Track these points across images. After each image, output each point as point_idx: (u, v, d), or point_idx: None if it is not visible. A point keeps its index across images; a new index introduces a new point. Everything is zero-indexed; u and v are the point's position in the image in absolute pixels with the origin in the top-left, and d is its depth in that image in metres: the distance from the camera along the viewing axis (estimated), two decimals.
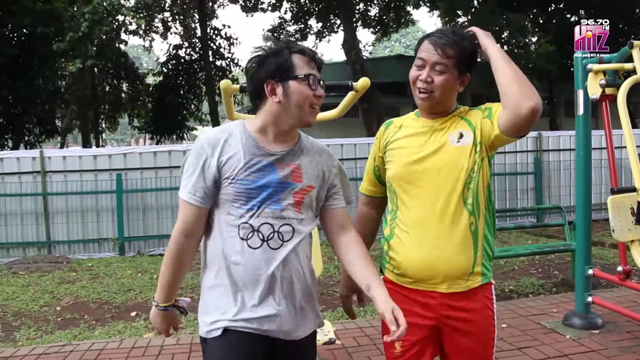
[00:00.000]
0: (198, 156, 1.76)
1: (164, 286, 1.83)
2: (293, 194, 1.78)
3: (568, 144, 10.40)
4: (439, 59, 1.86)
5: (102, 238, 8.91)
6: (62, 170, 8.84)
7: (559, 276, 6.13)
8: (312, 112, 1.78)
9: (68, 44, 13.33)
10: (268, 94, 1.75)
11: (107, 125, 23.72)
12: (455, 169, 1.85)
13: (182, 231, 1.77)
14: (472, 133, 1.87)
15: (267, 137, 1.79)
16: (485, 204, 1.90)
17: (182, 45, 22.10)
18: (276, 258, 1.75)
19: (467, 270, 1.87)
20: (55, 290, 6.27)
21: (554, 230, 8.91)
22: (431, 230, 1.86)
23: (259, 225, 1.74)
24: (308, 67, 1.75)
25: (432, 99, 1.89)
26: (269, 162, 1.76)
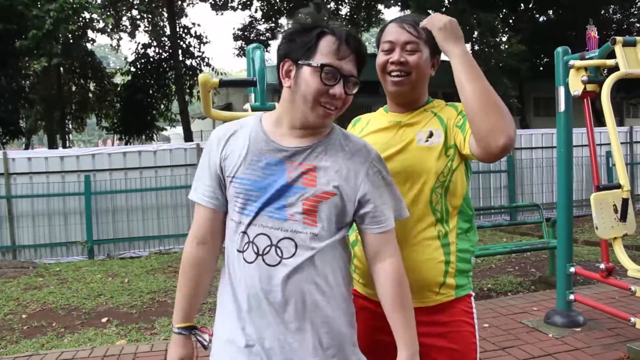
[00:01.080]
0: (206, 153, 1.55)
1: (178, 302, 1.57)
2: (303, 201, 1.44)
3: (540, 142, 10.51)
4: (409, 38, 1.69)
5: (70, 241, 8.65)
6: (27, 172, 8.56)
7: (536, 274, 6.13)
8: (320, 112, 1.43)
9: (32, 41, 12.92)
10: (282, 75, 1.46)
11: (74, 126, 23.16)
12: (422, 172, 1.66)
13: (193, 237, 1.55)
14: (444, 133, 1.67)
15: (281, 129, 1.48)
16: (459, 212, 1.71)
17: (150, 44, 21.67)
18: (277, 278, 1.43)
19: (436, 283, 1.67)
20: (21, 297, 6.02)
21: (527, 227, 8.98)
22: None
23: (255, 235, 1.45)
24: (333, 56, 1.41)
25: (407, 82, 1.70)
26: (278, 159, 1.46)
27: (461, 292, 1.72)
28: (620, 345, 3.68)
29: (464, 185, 1.72)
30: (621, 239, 3.47)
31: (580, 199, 10.09)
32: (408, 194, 1.67)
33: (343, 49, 1.42)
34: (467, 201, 1.74)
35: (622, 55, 3.45)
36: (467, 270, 1.74)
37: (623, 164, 3.28)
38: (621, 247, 3.46)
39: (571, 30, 18.92)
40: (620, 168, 3.28)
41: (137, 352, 4.02)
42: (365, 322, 1.76)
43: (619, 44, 3.46)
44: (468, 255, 1.74)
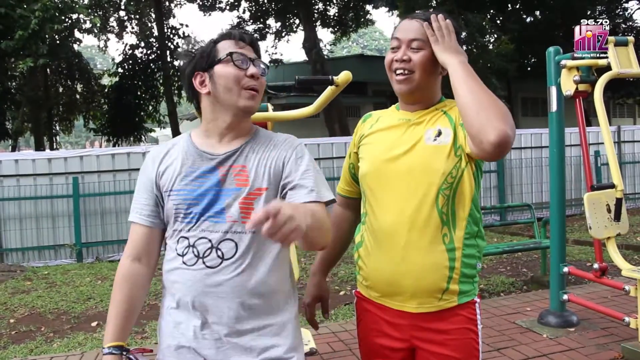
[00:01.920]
0: (141, 173, 1.63)
1: (110, 320, 1.54)
2: (239, 202, 1.50)
3: (529, 142, 10.56)
4: (415, 35, 1.64)
5: (59, 244, 8.54)
6: (14, 174, 8.44)
7: (528, 274, 6.14)
8: (246, 95, 1.52)
9: (18, 42, 12.77)
10: (198, 87, 1.56)
11: (62, 128, 22.95)
12: (429, 172, 1.60)
13: (128, 255, 1.58)
14: (452, 132, 1.61)
15: (210, 139, 1.58)
16: (466, 215, 1.64)
17: (138, 45, 21.55)
18: (217, 280, 1.48)
19: (439, 288, 1.62)
20: (9, 302, 5.93)
21: (517, 227, 9.00)
22: (399, 240, 1.62)
23: (195, 239, 1.51)
24: (235, 47, 1.54)
25: (411, 81, 1.65)
26: (211, 166, 1.54)
27: (465, 299, 1.66)
28: (614, 345, 3.69)
29: (473, 187, 1.65)
30: (614, 239, 3.49)
31: (569, 199, 10.15)
32: (414, 195, 1.62)
33: (239, 42, 1.55)
34: (475, 203, 1.67)
35: (614, 55, 3.46)
36: (472, 275, 1.68)
37: (617, 163, 3.29)
38: (615, 246, 3.48)
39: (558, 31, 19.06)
40: (614, 167, 3.28)
41: None
42: (367, 324, 1.76)
43: (611, 44, 3.47)
44: (474, 261, 1.67)
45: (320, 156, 9.43)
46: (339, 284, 6.06)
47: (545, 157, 10.42)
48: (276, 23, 22.94)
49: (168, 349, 1.56)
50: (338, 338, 4.11)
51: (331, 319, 4.71)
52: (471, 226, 1.66)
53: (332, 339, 4.09)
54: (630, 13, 21.88)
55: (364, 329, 1.80)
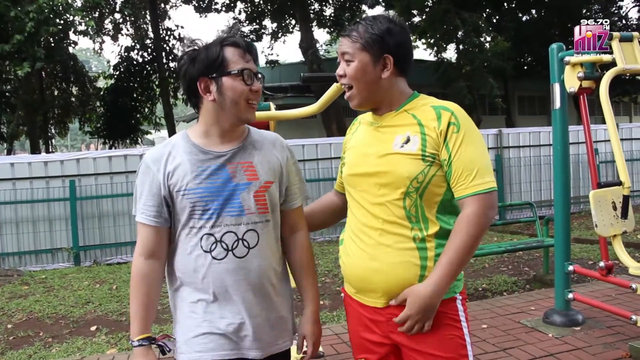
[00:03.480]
0: (144, 175, 1.69)
1: (136, 314, 1.67)
2: (253, 195, 1.67)
3: (528, 141, 10.54)
4: (344, 48, 1.71)
5: (56, 248, 8.49)
6: (10, 177, 8.37)
7: (530, 273, 6.10)
8: (249, 108, 1.67)
9: (14, 46, 12.67)
10: (202, 92, 1.65)
11: (57, 131, 22.81)
12: (394, 176, 1.65)
13: (141, 254, 1.68)
14: (420, 139, 1.64)
15: (211, 139, 1.69)
16: (438, 215, 1.67)
17: (134, 47, 21.44)
18: (245, 267, 1.66)
19: (410, 286, 1.64)
20: (6, 307, 5.85)
21: (517, 226, 8.97)
22: (370, 239, 1.70)
23: (222, 235, 1.64)
24: (242, 61, 1.64)
25: (353, 97, 1.74)
26: (220, 164, 1.67)
27: None
28: (621, 343, 3.65)
29: (445, 188, 1.67)
30: (620, 237, 3.45)
31: (575, 197, 10.13)
32: (382, 197, 1.68)
33: (246, 55, 1.65)
34: (448, 203, 1.69)
35: (619, 51, 3.42)
36: None
37: (623, 160, 3.25)
38: (621, 244, 3.43)
39: (554, 29, 19.07)
40: (621, 164, 3.24)
41: None
42: (352, 319, 1.86)
43: (616, 40, 3.43)
44: None
45: (319, 156, 9.39)
46: (339, 284, 6.01)
47: (543, 155, 10.41)
48: (272, 24, 22.85)
49: (199, 337, 1.66)
50: (341, 340, 4.06)
51: (334, 321, 4.67)
52: (445, 225, 1.68)
53: (335, 341, 4.04)
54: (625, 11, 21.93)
55: (350, 323, 1.88)
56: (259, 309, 1.69)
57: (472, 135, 1.64)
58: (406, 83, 1.77)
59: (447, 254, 1.60)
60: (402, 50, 1.72)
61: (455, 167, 1.62)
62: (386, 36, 1.68)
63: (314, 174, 9.25)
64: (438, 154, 1.64)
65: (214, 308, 1.67)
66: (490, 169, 1.66)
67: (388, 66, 1.69)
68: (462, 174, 1.61)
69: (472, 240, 1.59)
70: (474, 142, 1.64)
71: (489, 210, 1.61)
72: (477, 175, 1.61)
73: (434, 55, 17.94)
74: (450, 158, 1.62)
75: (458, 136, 1.62)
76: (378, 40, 1.67)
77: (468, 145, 1.62)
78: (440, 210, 1.68)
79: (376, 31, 1.67)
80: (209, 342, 1.66)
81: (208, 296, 1.66)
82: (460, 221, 1.61)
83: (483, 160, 1.64)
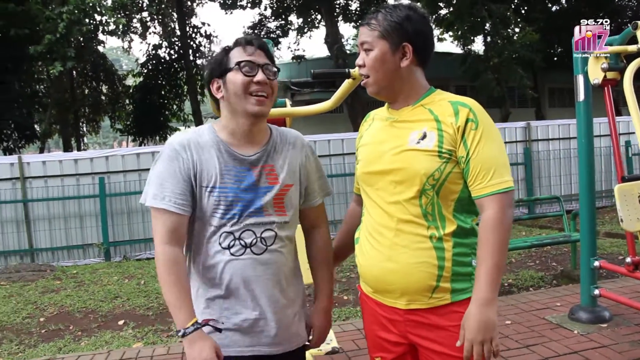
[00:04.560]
0: (171, 160, 1.65)
1: (177, 304, 1.59)
2: (273, 198, 1.70)
3: (557, 134, 10.34)
4: (363, 37, 1.69)
5: (87, 244, 8.65)
6: (42, 175, 8.57)
7: (557, 268, 6.01)
8: (253, 101, 1.66)
9: (45, 46, 12.96)
10: (214, 92, 1.72)
11: (88, 129, 23.29)
12: (410, 173, 1.62)
13: (166, 241, 1.62)
14: (437, 135, 1.62)
15: (236, 139, 1.71)
16: (455, 214, 1.64)
17: (161, 45, 21.74)
18: (263, 265, 1.68)
19: (428, 286, 1.63)
20: (39, 301, 6.02)
21: (546, 220, 8.83)
22: (386, 239, 1.67)
23: (241, 232, 1.66)
24: (244, 54, 1.67)
25: (370, 85, 1.71)
26: (245, 167, 1.69)
27: (460, 296, 1.65)
28: None
29: (462, 186, 1.64)
30: None
31: (600, 190, 9.91)
32: (398, 195, 1.66)
33: (248, 48, 1.67)
34: (467, 204, 1.66)
35: None
36: (466, 273, 1.66)
37: None
38: None
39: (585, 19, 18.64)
40: None
41: (154, 355, 3.98)
42: (368, 318, 1.84)
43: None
44: (467, 259, 1.66)
45: (345, 151, 9.36)
46: None
47: (574, 148, 10.19)
48: (298, 19, 22.88)
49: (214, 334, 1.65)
50: (362, 335, 4.06)
51: (357, 316, 4.67)
52: (462, 224, 1.65)
53: (357, 336, 4.05)
54: None
55: (366, 322, 1.87)
56: (274, 305, 1.70)
57: (490, 133, 1.61)
58: (424, 76, 1.74)
59: (483, 264, 1.56)
60: (422, 38, 1.68)
61: (473, 165, 1.59)
62: (405, 23, 1.65)
63: (340, 169, 9.25)
64: (455, 150, 1.61)
65: (229, 304, 1.68)
66: (508, 168, 1.63)
67: (407, 55, 1.66)
68: (479, 172, 1.59)
69: (502, 243, 1.56)
70: (492, 139, 1.61)
71: (508, 209, 1.59)
72: (495, 174, 1.58)
73: (461, 47, 17.74)
74: (468, 155, 1.59)
75: (476, 133, 1.59)
76: (397, 28, 1.64)
77: (486, 143, 1.59)
78: (457, 208, 1.65)
79: (395, 19, 1.65)
80: (224, 338, 1.67)
81: (223, 292, 1.67)
82: (485, 226, 1.58)
83: (501, 158, 1.61)
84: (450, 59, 18.52)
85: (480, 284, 1.55)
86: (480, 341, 1.54)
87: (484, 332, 1.53)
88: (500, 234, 1.56)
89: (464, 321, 1.57)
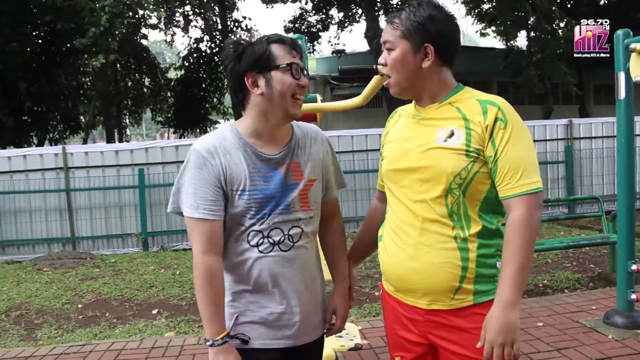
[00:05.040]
0: (200, 168, 1.65)
1: (209, 317, 1.63)
2: (299, 194, 1.72)
3: (600, 132, 10.03)
4: (386, 36, 1.67)
5: (126, 233, 8.86)
6: (84, 166, 8.81)
7: (595, 270, 5.85)
8: (294, 103, 1.69)
9: (90, 39, 13.32)
10: (250, 86, 1.67)
11: (131, 121, 23.83)
12: (437, 172, 1.60)
13: (205, 251, 1.63)
14: (465, 133, 1.59)
15: (261, 139, 1.72)
16: (481, 215, 1.62)
17: (202, 39, 22.05)
18: (290, 261, 1.71)
19: (450, 287, 1.61)
20: (78, 287, 6.21)
21: (588, 220, 8.60)
22: (410, 238, 1.65)
23: (269, 230, 1.68)
24: (290, 56, 1.67)
25: (392, 85, 1.70)
26: (271, 167, 1.70)
27: (483, 298, 1.62)
28: None
29: (489, 186, 1.61)
30: None
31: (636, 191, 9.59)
32: (424, 194, 1.64)
33: (293, 50, 1.68)
34: (495, 204, 1.63)
35: None
36: (490, 275, 1.63)
37: None
38: None
39: (635, 13, 18.00)
40: None
41: (185, 344, 4.06)
42: (389, 317, 1.84)
43: None
44: (492, 260, 1.63)
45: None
46: None
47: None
48: (339, 13, 22.81)
49: (240, 326, 1.70)
50: None
51: None
52: (488, 225, 1.63)
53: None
54: None
55: (387, 320, 1.86)
56: (299, 299, 1.73)
57: (519, 132, 1.58)
58: (451, 74, 1.71)
59: (508, 265, 1.53)
60: (445, 40, 1.64)
61: (501, 165, 1.56)
62: (427, 24, 1.61)
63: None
64: (483, 149, 1.58)
65: (256, 298, 1.71)
66: (537, 168, 1.59)
67: (429, 56, 1.63)
68: (507, 172, 1.56)
69: (528, 245, 1.54)
70: (521, 139, 1.58)
71: (536, 210, 1.56)
72: (524, 174, 1.55)
73: (504, 42, 17.39)
74: (496, 155, 1.57)
75: (505, 132, 1.56)
76: (419, 28, 1.61)
77: (515, 143, 1.56)
78: (484, 208, 1.62)
79: (418, 19, 1.62)
80: (250, 331, 1.70)
81: (251, 287, 1.71)
82: (511, 228, 1.55)
83: (530, 158, 1.58)
84: (493, 54, 18.19)
85: (504, 286, 1.53)
86: (501, 343, 1.51)
87: (505, 335, 1.51)
88: (526, 235, 1.53)
89: (486, 322, 1.55)
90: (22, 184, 8.66)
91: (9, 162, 8.68)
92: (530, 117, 15.18)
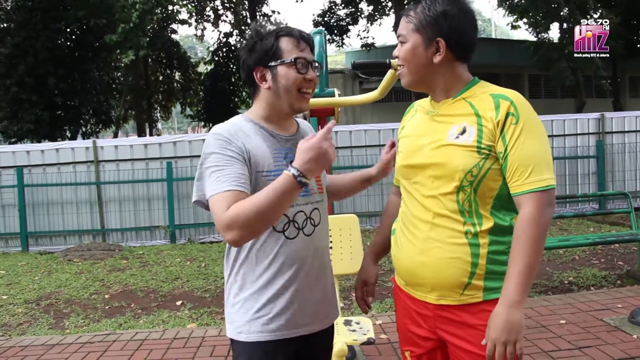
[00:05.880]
0: (224, 148, 1.61)
1: None
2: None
3: (634, 126, 9.79)
4: (401, 29, 1.68)
5: (154, 226, 9.01)
6: (114, 159, 8.99)
7: (623, 267, 5.73)
8: (301, 97, 1.71)
9: (120, 35, 13.55)
10: (258, 80, 1.71)
11: (161, 115, 24.16)
12: (448, 168, 1.59)
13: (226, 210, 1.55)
14: (476, 129, 1.57)
15: (273, 124, 1.74)
16: (493, 211, 1.60)
17: (232, 33, 22.19)
18: (311, 245, 1.72)
19: (460, 283, 1.60)
20: (106, 278, 6.36)
21: (618, 216, 8.41)
22: (421, 232, 1.65)
23: (294, 214, 1.68)
24: (297, 50, 1.68)
25: (402, 76, 1.72)
26: (288, 147, 1.72)
27: (493, 295, 1.59)
28: None
29: (501, 183, 1.59)
30: None
31: None
32: (435, 190, 1.63)
33: (301, 43, 1.69)
34: (507, 201, 1.61)
35: None
36: (501, 272, 1.59)
37: None
38: None
39: None
40: None
41: (205, 335, 4.12)
42: (400, 311, 1.84)
43: None
44: (504, 257, 1.60)
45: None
46: None
47: None
48: (368, 6, 22.69)
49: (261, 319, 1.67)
50: None
51: None
52: (500, 222, 1.61)
53: None
54: None
55: (399, 315, 1.86)
56: (319, 285, 1.75)
57: (531, 128, 1.55)
58: (466, 68, 1.70)
59: (515, 263, 1.51)
60: (457, 35, 1.63)
61: (510, 162, 1.54)
62: (440, 19, 1.61)
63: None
64: (494, 146, 1.56)
65: (278, 286, 1.67)
66: (550, 165, 1.56)
67: (440, 50, 1.62)
68: (517, 169, 1.54)
69: (536, 243, 1.51)
70: (533, 134, 1.55)
71: (547, 208, 1.53)
72: (534, 171, 1.52)
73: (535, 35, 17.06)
74: (506, 151, 1.54)
75: (516, 128, 1.54)
76: (432, 23, 1.61)
77: (526, 139, 1.54)
78: (496, 205, 1.60)
79: (431, 13, 1.61)
80: (270, 323, 1.67)
81: (274, 276, 1.66)
82: (520, 225, 1.53)
83: (541, 154, 1.55)
84: (523, 46, 17.85)
85: (509, 284, 1.51)
86: (504, 342, 1.50)
87: (508, 333, 1.50)
88: (534, 233, 1.51)
89: (490, 320, 1.53)
90: (54, 176, 8.89)
91: (42, 155, 8.93)
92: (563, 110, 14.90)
